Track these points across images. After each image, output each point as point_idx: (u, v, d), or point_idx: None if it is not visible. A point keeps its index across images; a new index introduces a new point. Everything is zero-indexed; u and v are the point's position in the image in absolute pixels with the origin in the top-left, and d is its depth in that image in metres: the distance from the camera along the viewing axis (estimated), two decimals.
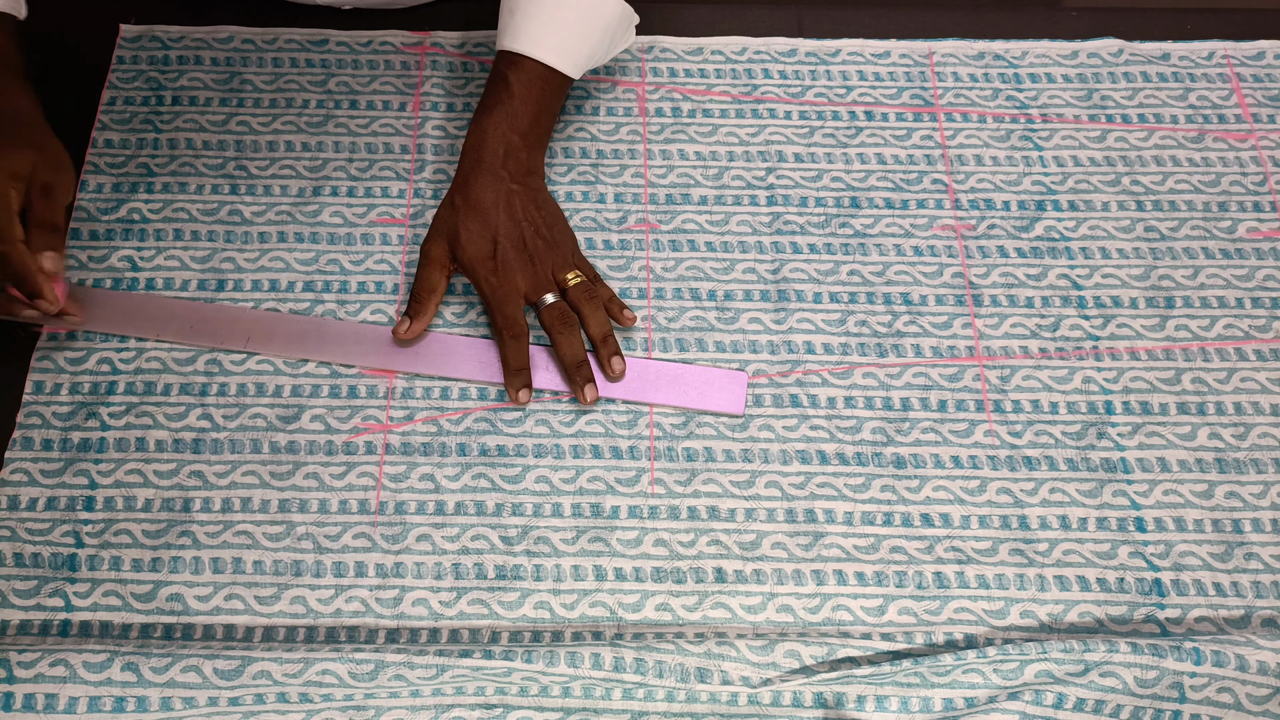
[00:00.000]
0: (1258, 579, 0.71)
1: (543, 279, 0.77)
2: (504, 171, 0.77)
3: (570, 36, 0.78)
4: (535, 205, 0.78)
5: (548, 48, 0.78)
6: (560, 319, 0.76)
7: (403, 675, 0.65)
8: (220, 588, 0.70)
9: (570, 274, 0.77)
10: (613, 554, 0.71)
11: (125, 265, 0.80)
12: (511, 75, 0.78)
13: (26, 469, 0.73)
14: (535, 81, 0.78)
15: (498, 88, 0.79)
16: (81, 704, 0.64)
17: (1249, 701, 0.65)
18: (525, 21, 0.78)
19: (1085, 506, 0.73)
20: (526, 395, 0.75)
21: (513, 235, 0.77)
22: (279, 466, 0.73)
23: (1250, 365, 0.78)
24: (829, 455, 0.74)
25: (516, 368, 0.75)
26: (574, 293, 0.77)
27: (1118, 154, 0.86)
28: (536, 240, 0.77)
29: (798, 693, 0.66)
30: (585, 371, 0.75)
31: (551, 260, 0.77)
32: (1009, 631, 0.69)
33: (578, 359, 0.75)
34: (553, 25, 0.78)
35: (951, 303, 0.80)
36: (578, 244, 0.80)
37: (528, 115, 0.78)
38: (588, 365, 0.76)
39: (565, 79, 0.79)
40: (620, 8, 0.80)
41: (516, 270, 0.76)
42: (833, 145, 0.86)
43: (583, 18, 0.79)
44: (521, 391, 0.75)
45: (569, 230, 0.80)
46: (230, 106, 0.86)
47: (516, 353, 0.75)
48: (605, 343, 0.76)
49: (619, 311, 0.77)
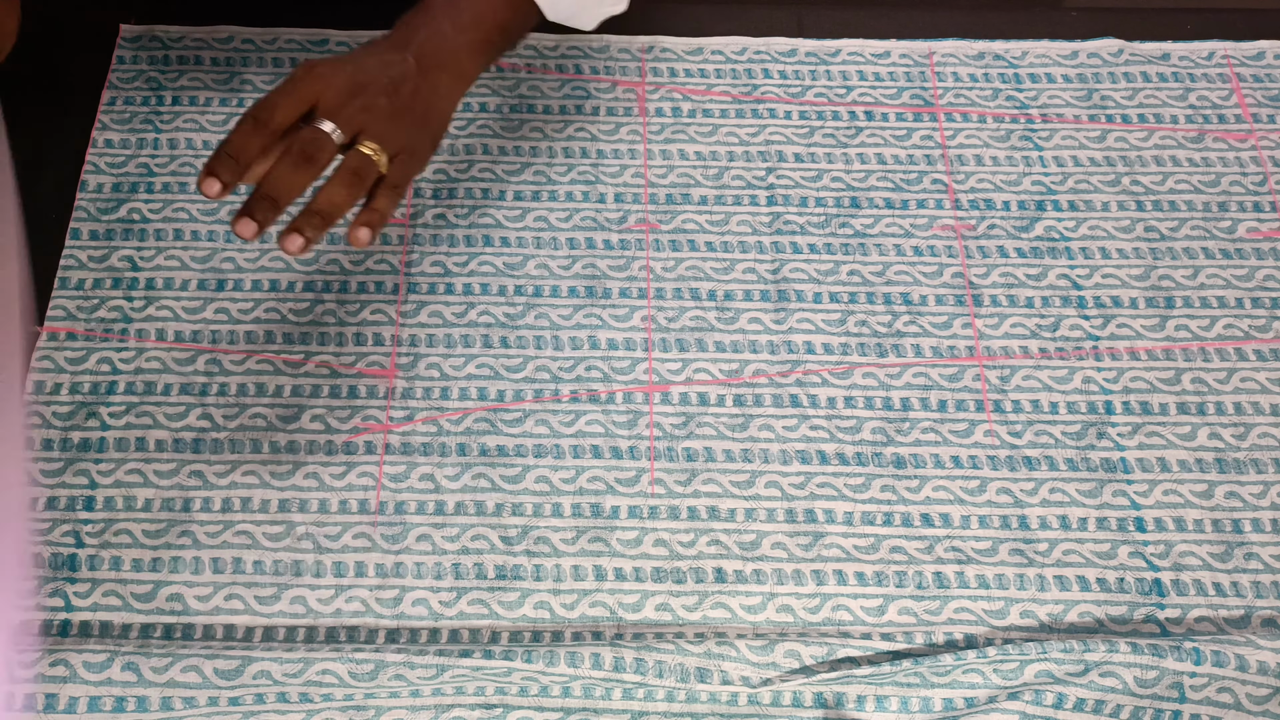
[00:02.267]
0: (1258, 579, 0.71)
1: (349, 108, 0.63)
2: (411, 55, 0.67)
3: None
4: (423, 89, 0.66)
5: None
6: (305, 147, 0.62)
7: (403, 675, 0.65)
8: (220, 588, 0.70)
9: (372, 144, 0.63)
10: (613, 554, 0.71)
11: (125, 265, 0.80)
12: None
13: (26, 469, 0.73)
14: None
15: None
16: (81, 704, 0.64)
17: (1249, 701, 0.65)
18: None
19: (1085, 506, 0.73)
20: (247, 226, 0.60)
21: (372, 71, 0.65)
22: (279, 466, 0.73)
23: (1250, 365, 0.78)
24: (829, 455, 0.74)
25: (224, 152, 0.60)
26: (351, 158, 0.63)
27: (1118, 154, 0.86)
28: (393, 99, 0.65)
29: (798, 693, 0.66)
30: (265, 208, 0.60)
31: (374, 117, 0.64)
32: (1009, 631, 0.69)
33: (279, 190, 0.61)
34: None
35: (951, 303, 0.80)
36: (414, 163, 0.67)
37: (475, 21, 0.69)
38: (278, 209, 0.61)
39: (537, 12, 0.72)
40: None
41: (340, 75, 0.63)
42: (833, 145, 0.86)
43: None
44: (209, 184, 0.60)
45: (425, 138, 0.67)
46: (230, 106, 0.86)
47: (238, 134, 0.61)
48: (310, 217, 0.62)
49: (364, 222, 0.63)
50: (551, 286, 0.80)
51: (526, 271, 0.80)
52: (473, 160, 0.85)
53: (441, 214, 0.83)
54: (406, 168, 0.66)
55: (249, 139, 0.61)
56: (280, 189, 0.61)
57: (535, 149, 0.85)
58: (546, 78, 0.88)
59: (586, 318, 0.79)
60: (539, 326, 0.78)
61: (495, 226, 0.82)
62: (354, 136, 0.64)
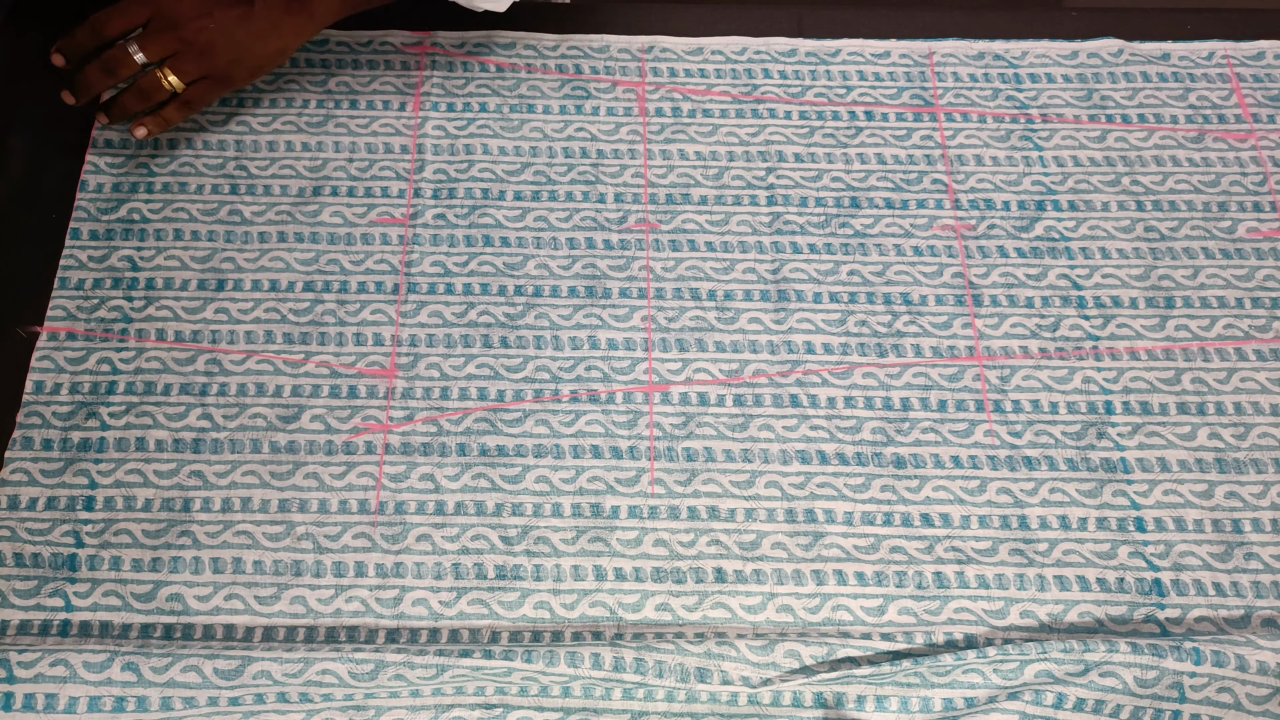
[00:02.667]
0: (1258, 579, 0.71)
1: (164, 37, 0.77)
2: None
3: None
4: (257, 24, 0.78)
5: None
6: (108, 62, 0.77)
7: (403, 675, 0.65)
8: (220, 588, 0.70)
9: (170, 72, 0.78)
10: (613, 554, 0.71)
11: (125, 265, 0.80)
12: None
13: (26, 469, 0.73)
14: None
15: None
16: (81, 704, 0.64)
17: (1249, 701, 0.65)
18: None
19: (1085, 506, 0.73)
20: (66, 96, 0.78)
21: (205, 5, 0.77)
22: (279, 466, 0.73)
23: (1250, 365, 0.78)
24: (829, 455, 0.74)
25: (69, 41, 0.78)
26: (145, 78, 0.78)
27: (1118, 154, 0.86)
28: (212, 34, 0.77)
29: (798, 693, 0.66)
30: (78, 90, 0.78)
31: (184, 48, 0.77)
32: (1009, 631, 0.69)
33: (84, 84, 0.78)
34: None
35: (951, 303, 0.80)
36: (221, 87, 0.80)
37: None
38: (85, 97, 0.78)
39: None
40: None
41: (169, 4, 0.77)
42: (833, 145, 0.86)
43: None
44: (56, 57, 0.78)
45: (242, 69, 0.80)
46: (230, 107, 0.86)
47: (79, 32, 0.77)
48: (110, 106, 0.79)
49: (142, 122, 0.79)
50: (551, 286, 0.80)
51: (526, 271, 0.80)
52: (473, 160, 0.85)
53: (441, 214, 0.83)
54: (208, 91, 0.80)
55: (85, 38, 0.77)
56: (84, 84, 0.78)
57: (535, 149, 0.85)
58: (546, 78, 0.88)
59: (586, 318, 0.79)
60: (539, 326, 0.78)
61: (495, 226, 0.82)
62: (160, 59, 0.78)
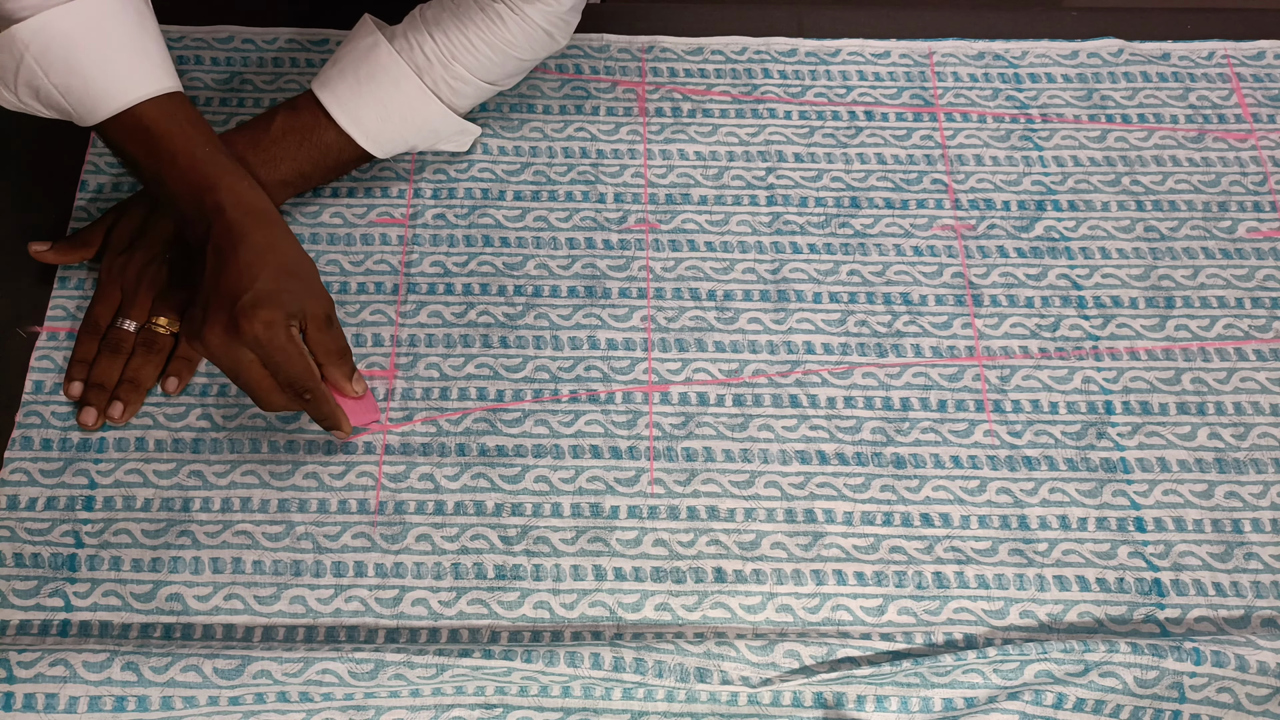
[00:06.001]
0: (1258, 579, 0.71)
1: (140, 300, 0.76)
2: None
3: (379, 118, 0.78)
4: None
5: (356, 120, 0.77)
6: (112, 344, 0.75)
7: (403, 675, 0.65)
8: (220, 587, 0.70)
9: (161, 320, 0.76)
10: (612, 554, 0.71)
11: None
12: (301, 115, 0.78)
13: (26, 469, 0.73)
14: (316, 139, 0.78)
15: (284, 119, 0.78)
16: (82, 704, 0.64)
17: (1249, 701, 0.65)
18: (340, 81, 0.77)
19: (1085, 506, 0.73)
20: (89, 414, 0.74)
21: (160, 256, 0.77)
22: (279, 466, 0.73)
23: (1250, 365, 0.78)
24: (829, 455, 0.74)
25: (75, 360, 0.75)
26: (144, 334, 0.76)
27: (1118, 154, 0.86)
28: (183, 273, 0.76)
29: (798, 693, 0.66)
30: (97, 394, 0.74)
31: (163, 297, 0.76)
32: (1009, 631, 0.69)
33: (102, 378, 0.74)
34: (360, 97, 0.77)
35: (951, 303, 0.80)
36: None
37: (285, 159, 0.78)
38: (106, 392, 0.74)
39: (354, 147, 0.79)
40: (443, 114, 0.79)
41: (132, 268, 0.76)
42: (833, 145, 0.86)
43: (406, 111, 0.78)
44: (72, 387, 0.75)
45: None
46: (230, 106, 0.86)
47: (79, 344, 0.76)
48: (124, 387, 0.74)
49: (172, 372, 0.75)
50: (551, 286, 0.80)
51: (526, 271, 0.80)
52: (473, 160, 0.85)
53: (441, 214, 0.83)
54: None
55: (87, 345, 0.76)
56: (103, 377, 0.74)
57: (535, 149, 0.85)
58: (546, 78, 0.88)
59: (586, 318, 0.79)
60: (539, 326, 0.78)
61: (495, 226, 0.82)
62: (148, 317, 0.76)
